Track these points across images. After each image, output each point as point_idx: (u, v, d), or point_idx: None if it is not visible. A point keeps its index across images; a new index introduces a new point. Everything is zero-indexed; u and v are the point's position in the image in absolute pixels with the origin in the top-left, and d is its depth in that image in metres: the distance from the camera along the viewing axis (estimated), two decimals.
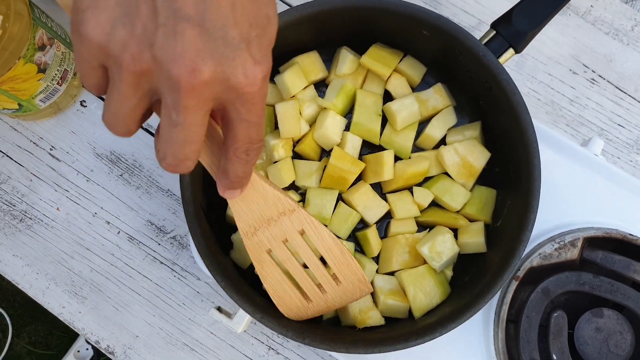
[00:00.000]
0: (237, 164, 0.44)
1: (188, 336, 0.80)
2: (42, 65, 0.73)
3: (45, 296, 0.80)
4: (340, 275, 0.61)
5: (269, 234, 0.58)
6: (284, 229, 0.58)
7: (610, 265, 0.68)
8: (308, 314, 0.63)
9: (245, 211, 0.56)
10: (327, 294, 0.62)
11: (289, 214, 0.57)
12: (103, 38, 0.35)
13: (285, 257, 0.60)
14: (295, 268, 0.60)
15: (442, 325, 0.61)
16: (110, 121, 0.39)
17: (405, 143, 0.72)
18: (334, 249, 0.59)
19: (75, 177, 0.82)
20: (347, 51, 0.73)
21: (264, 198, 0.55)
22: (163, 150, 0.40)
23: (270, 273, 0.60)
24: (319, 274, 0.61)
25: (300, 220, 0.58)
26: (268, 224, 0.57)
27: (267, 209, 0.56)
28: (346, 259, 0.60)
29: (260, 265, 0.60)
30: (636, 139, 0.84)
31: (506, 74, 0.63)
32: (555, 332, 0.66)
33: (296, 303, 0.62)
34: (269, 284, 0.61)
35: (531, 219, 0.62)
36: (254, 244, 0.58)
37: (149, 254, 0.81)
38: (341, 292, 0.62)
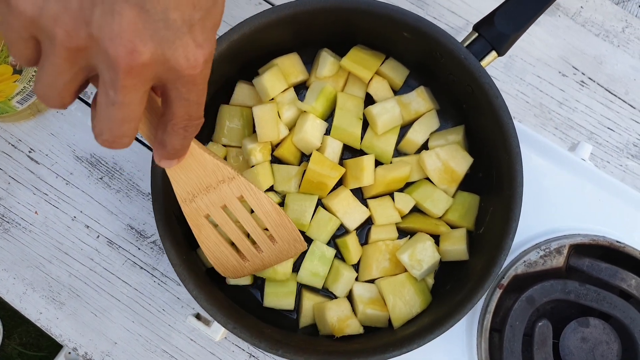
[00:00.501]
0: (175, 138, 0.44)
1: (168, 343, 0.79)
2: (18, 67, 0.71)
3: (22, 302, 0.79)
4: (276, 235, 0.63)
5: (207, 200, 0.59)
6: (223, 195, 0.59)
7: (597, 273, 0.66)
8: (244, 272, 0.65)
9: (184, 179, 0.56)
10: (263, 253, 0.64)
11: (228, 181, 0.58)
12: (34, 10, 0.34)
13: (223, 221, 0.61)
14: (232, 230, 0.62)
15: (420, 336, 0.60)
16: (43, 93, 0.38)
17: (387, 147, 0.70)
18: (271, 213, 0.61)
19: (54, 180, 0.81)
20: (328, 53, 0.71)
21: (202, 167, 0.56)
22: (100, 127, 0.39)
23: (207, 236, 0.61)
24: (256, 234, 0.63)
25: (239, 187, 0.59)
26: (207, 191, 0.58)
27: (206, 177, 0.57)
28: (283, 220, 0.62)
29: (198, 229, 0.60)
30: (626, 142, 0.82)
31: (488, 77, 0.62)
32: (540, 341, 0.65)
33: (232, 263, 0.64)
34: (206, 246, 0.62)
35: (513, 226, 0.61)
36: (192, 209, 0.59)
37: (129, 258, 0.80)
38: (277, 251, 0.65)
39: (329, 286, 0.70)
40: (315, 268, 0.68)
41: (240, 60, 0.68)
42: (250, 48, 0.65)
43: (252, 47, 0.66)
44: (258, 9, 0.67)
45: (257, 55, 0.70)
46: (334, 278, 0.69)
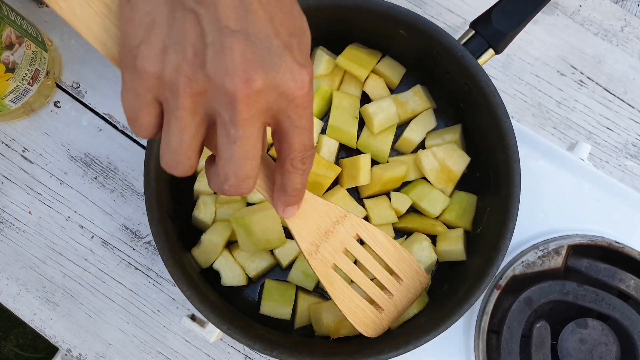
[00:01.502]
0: (295, 176, 0.44)
1: (163, 344, 0.78)
2: (11, 65, 0.70)
3: (15, 302, 0.78)
4: (399, 272, 0.60)
5: (329, 247, 0.56)
6: (341, 238, 0.56)
7: (595, 274, 0.66)
8: (383, 325, 0.61)
9: (304, 229, 0.54)
10: (393, 296, 0.61)
11: (342, 221, 0.56)
12: (158, 67, 0.36)
13: (350, 269, 0.58)
14: (361, 277, 0.59)
15: (417, 337, 0.59)
16: (173, 159, 0.40)
17: (383, 147, 0.70)
18: (387, 246, 0.59)
19: (48, 179, 0.80)
20: (323, 51, 0.70)
21: (316, 210, 0.54)
22: (224, 172, 0.40)
23: (341, 291, 0.58)
24: (383, 277, 0.60)
25: (353, 225, 0.56)
26: (326, 236, 0.55)
27: (322, 221, 0.55)
28: (401, 253, 0.59)
29: (330, 284, 0.57)
30: (625, 142, 0.82)
31: (485, 75, 0.61)
32: (538, 343, 0.64)
33: (371, 317, 0.60)
34: (342, 303, 0.58)
35: (510, 226, 0.60)
36: (319, 262, 0.56)
37: (124, 259, 0.79)
38: (405, 290, 0.61)
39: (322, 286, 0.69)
40: (308, 269, 0.67)
41: None
42: None
43: None
44: None
45: None
46: None
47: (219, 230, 0.67)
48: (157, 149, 0.63)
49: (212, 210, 0.69)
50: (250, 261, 0.68)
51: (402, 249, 0.59)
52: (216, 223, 0.69)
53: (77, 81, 0.81)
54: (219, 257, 0.68)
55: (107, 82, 0.81)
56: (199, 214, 0.69)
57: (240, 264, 0.68)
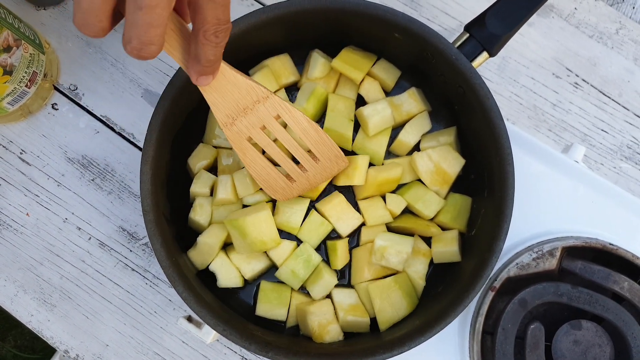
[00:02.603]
0: (208, 48, 0.46)
1: (160, 345, 0.78)
2: (8, 67, 0.71)
3: (13, 304, 0.79)
4: (318, 153, 0.64)
5: (246, 122, 0.59)
6: (260, 116, 0.59)
7: (590, 275, 0.66)
8: (294, 193, 0.66)
9: (221, 102, 0.56)
10: (307, 172, 0.64)
11: (263, 101, 0.58)
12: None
13: (265, 143, 0.61)
14: (276, 152, 0.62)
15: (411, 338, 0.59)
16: (83, 19, 0.41)
17: (378, 149, 0.70)
18: (309, 129, 0.62)
19: (45, 181, 0.80)
20: (319, 54, 0.71)
21: (236, 87, 0.56)
22: (128, 34, 0.41)
23: (253, 159, 0.62)
24: (298, 153, 0.63)
25: (275, 106, 0.59)
26: (245, 112, 0.58)
27: (241, 98, 0.57)
28: (321, 137, 0.63)
29: (243, 153, 0.61)
30: (620, 144, 0.82)
31: (479, 78, 0.61)
32: (532, 344, 0.65)
33: (281, 184, 0.64)
34: (253, 170, 0.62)
35: (504, 228, 0.60)
36: (234, 133, 0.59)
37: (121, 260, 0.79)
38: (320, 169, 0.65)
39: (306, 285, 0.69)
40: (297, 268, 0.67)
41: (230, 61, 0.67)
42: (240, 49, 0.64)
43: (242, 47, 0.65)
44: (250, 10, 0.66)
45: (248, 56, 0.70)
46: (314, 279, 0.68)
47: (215, 232, 0.68)
48: (154, 152, 0.63)
49: (208, 212, 0.69)
50: (246, 263, 0.68)
51: (325, 134, 0.63)
52: (212, 225, 0.69)
53: (75, 83, 0.82)
54: (215, 259, 0.68)
55: (105, 85, 0.82)
56: (195, 215, 0.69)
57: (236, 266, 0.68)
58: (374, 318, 0.67)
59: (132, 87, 0.82)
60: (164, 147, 0.65)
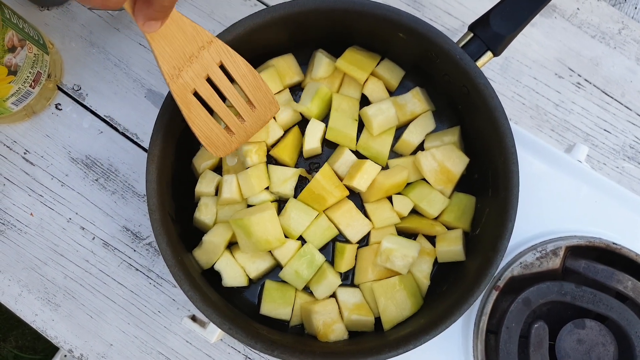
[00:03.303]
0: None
1: (164, 345, 0.78)
2: (13, 68, 0.71)
3: (17, 303, 0.79)
4: (254, 99, 0.63)
5: (191, 72, 0.57)
6: (205, 63, 0.58)
7: (593, 274, 0.66)
8: (232, 146, 0.65)
9: (168, 51, 0.55)
10: (245, 122, 0.64)
11: (208, 46, 0.57)
12: None
13: (208, 94, 0.60)
14: (218, 104, 0.61)
15: (416, 337, 0.59)
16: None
17: (382, 149, 0.70)
18: (248, 75, 0.61)
19: (49, 181, 0.81)
20: (323, 54, 0.71)
21: (183, 32, 0.54)
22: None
23: (197, 115, 0.60)
24: (238, 103, 0.63)
25: (218, 51, 0.58)
26: (190, 61, 0.57)
27: (187, 44, 0.56)
28: (258, 82, 0.63)
29: (187, 108, 0.59)
30: (622, 144, 0.82)
31: (484, 78, 0.61)
32: (536, 343, 0.65)
33: (222, 139, 0.63)
34: (196, 126, 0.61)
35: (509, 227, 0.61)
36: (180, 86, 0.57)
37: (124, 260, 0.79)
38: (256, 117, 0.65)
39: (310, 285, 0.69)
40: (300, 269, 0.67)
41: None
42: (244, 49, 0.65)
43: (246, 48, 0.66)
44: (253, 10, 0.67)
45: (252, 56, 0.70)
46: (318, 279, 0.68)
47: (220, 232, 0.68)
48: (159, 151, 0.63)
49: (213, 211, 0.69)
50: (251, 262, 0.69)
51: (260, 78, 0.62)
52: (217, 224, 0.69)
53: (78, 84, 0.82)
54: (220, 258, 0.68)
55: (108, 85, 0.82)
56: (200, 215, 0.69)
57: (241, 265, 0.68)
58: (379, 317, 0.67)
59: (135, 87, 0.82)
60: (169, 146, 0.65)
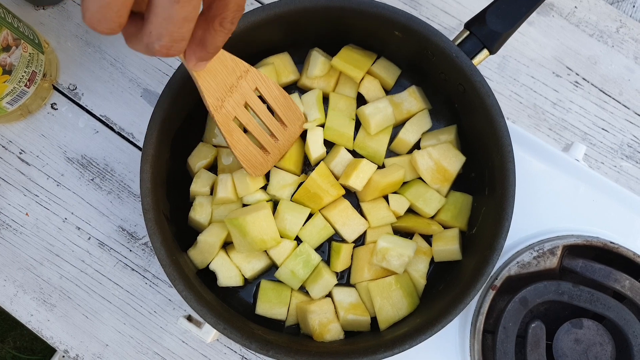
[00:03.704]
0: (221, 35, 0.42)
1: (159, 345, 0.78)
2: (8, 67, 0.71)
3: (12, 303, 0.78)
4: (285, 118, 0.66)
5: (232, 101, 0.59)
6: (243, 92, 0.60)
7: (591, 274, 0.66)
8: (269, 166, 0.68)
9: (212, 84, 0.56)
10: (278, 141, 0.67)
11: (245, 75, 0.59)
12: None
13: (247, 119, 0.62)
14: (255, 127, 0.64)
15: (412, 337, 0.59)
16: (102, 13, 0.36)
17: (379, 148, 0.70)
18: (279, 97, 0.64)
19: (45, 181, 0.80)
20: (319, 53, 0.71)
21: (224, 65, 0.56)
22: (159, 32, 0.37)
23: (238, 140, 0.62)
24: (271, 123, 0.65)
25: (254, 79, 0.60)
26: (231, 91, 0.58)
27: (228, 76, 0.57)
28: (288, 102, 0.66)
29: (230, 135, 0.61)
30: (620, 143, 0.82)
31: (479, 76, 0.61)
32: (533, 343, 0.64)
33: (259, 160, 0.66)
34: (238, 151, 0.63)
35: (505, 226, 0.60)
36: (223, 116, 0.59)
37: (120, 260, 0.79)
38: (287, 135, 0.68)
39: (306, 285, 0.69)
40: (296, 269, 0.67)
41: None
42: (240, 47, 0.64)
43: (242, 46, 0.65)
44: (249, 9, 0.66)
45: (248, 55, 0.70)
46: (314, 278, 0.68)
47: (215, 231, 0.68)
48: (153, 150, 0.63)
49: (208, 211, 0.69)
50: (247, 262, 0.68)
51: (290, 98, 0.65)
52: (212, 224, 0.69)
53: (74, 83, 0.82)
54: (215, 258, 0.68)
55: (104, 84, 0.81)
56: (195, 215, 0.69)
57: (236, 265, 0.68)
58: (375, 317, 0.67)
59: (131, 87, 0.82)
60: (164, 146, 0.64)
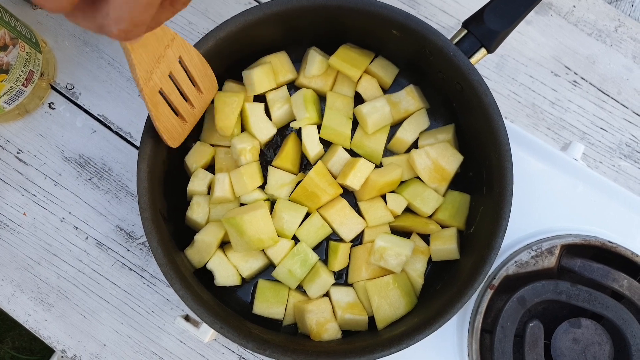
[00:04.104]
0: (168, 12, 0.41)
1: (157, 345, 0.78)
2: (5, 66, 0.70)
3: (10, 303, 0.78)
4: (202, 86, 0.66)
5: (159, 72, 0.58)
6: (168, 62, 0.58)
7: (589, 273, 0.66)
8: (185, 134, 0.67)
9: (144, 57, 0.54)
10: (194, 108, 0.66)
11: (171, 44, 0.57)
12: None
13: (170, 90, 0.61)
14: (177, 97, 0.62)
15: (409, 336, 0.59)
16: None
17: (377, 147, 0.69)
18: (198, 64, 0.63)
19: (42, 181, 0.80)
20: (316, 52, 0.70)
21: (154, 34, 0.54)
22: (119, 14, 0.35)
23: (162, 112, 0.61)
24: (190, 91, 0.64)
25: (179, 47, 0.59)
26: (158, 62, 0.57)
27: (157, 47, 0.56)
28: (206, 70, 0.65)
29: (155, 108, 0.60)
30: (619, 142, 0.82)
31: (477, 75, 0.61)
32: (531, 342, 0.64)
33: (178, 130, 0.65)
34: (160, 122, 0.61)
35: (503, 225, 0.60)
36: (151, 88, 0.57)
37: (118, 260, 0.79)
38: (202, 101, 0.67)
39: (303, 284, 0.69)
40: (294, 268, 0.67)
41: (227, 58, 0.68)
42: (237, 46, 0.64)
43: (239, 45, 0.65)
44: (246, 7, 0.66)
45: (245, 54, 0.70)
46: (311, 277, 0.68)
47: (212, 231, 0.67)
48: (150, 150, 0.63)
49: (205, 210, 0.69)
50: (244, 262, 0.68)
51: (207, 64, 0.64)
52: (210, 223, 0.69)
53: (72, 82, 0.81)
54: (212, 257, 0.67)
55: (102, 84, 0.81)
56: (193, 214, 0.69)
57: (234, 265, 0.68)
58: (373, 316, 0.67)
59: (129, 86, 0.81)
60: (161, 144, 0.64)
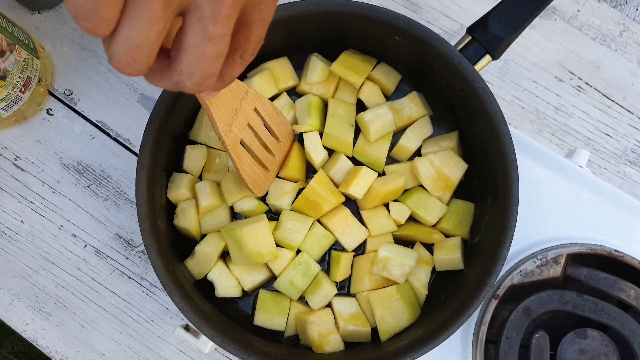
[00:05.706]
0: (239, 66, 0.41)
1: (157, 354, 0.77)
2: (2, 72, 0.69)
3: (7, 312, 0.77)
4: (279, 134, 0.67)
5: (238, 124, 0.59)
6: (245, 113, 0.60)
7: (595, 283, 0.65)
8: (269, 182, 0.68)
9: (222, 110, 0.55)
10: (274, 156, 0.67)
11: (245, 96, 0.59)
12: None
13: (251, 140, 0.62)
14: (258, 147, 0.64)
15: (413, 349, 0.58)
16: (132, 57, 0.34)
17: (379, 154, 0.68)
18: (273, 114, 0.65)
19: (40, 188, 0.79)
20: (318, 58, 0.69)
21: (229, 89, 0.56)
22: (191, 69, 0.36)
23: (245, 162, 0.62)
24: (269, 140, 0.66)
25: (253, 99, 0.60)
26: (236, 114, 0.58)
27: (233, 100, 0.57)
28: (281, 118, 0.67)
29: (239, 159, 0.61)
30: (624, 149, 0.81)
31: (482, 82, 0.60)
32: (537, 353, 0.63)
33: (262, 178, 0.66)
34: (245, 172, 0.63)
35: (508, 235, 0.59)
36: (232, 140, 0.59)
37: (117, 268, 0.78)
38: (281, 149, 0.68)
39: (305, 295, 0.68)
40: (295, 279, 0.66)
41: None
42: None
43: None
44: None
45: None
46: (313, 288, 0.67)
47: (213, 242, 0.66)
48: (149, 158, 0.62)
49: (191, 216, 0.67)
50: (246, 274, 0.67)
51: (281, 113, 0.66)
52: (210, 234, 0.67)
53: (70, 88, 0.80)
54: (213, 268, 0.66)
55: (100, 90, 0.80)
56: (179, 222, 0.67)
57: (235, 277, 0.67)
58: (376, 328, 0.66)
59: (128, 92, 0.80)
60: (160, 153, 0.63)
